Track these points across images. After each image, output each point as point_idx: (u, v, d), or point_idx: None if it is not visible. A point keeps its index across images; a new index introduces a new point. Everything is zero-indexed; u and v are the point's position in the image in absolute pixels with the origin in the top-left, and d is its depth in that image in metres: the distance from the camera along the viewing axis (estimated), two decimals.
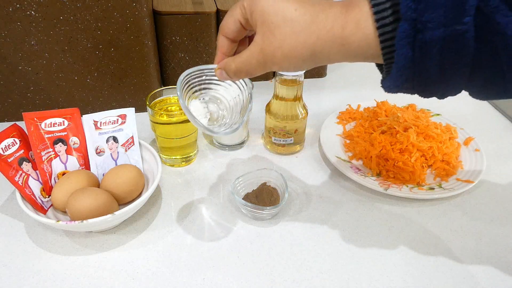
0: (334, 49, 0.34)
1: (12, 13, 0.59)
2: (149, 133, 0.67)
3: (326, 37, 0.34)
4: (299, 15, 0.34)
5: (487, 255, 0.50)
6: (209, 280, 0.46)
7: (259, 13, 0.35)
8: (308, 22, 0.34)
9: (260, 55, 0.36)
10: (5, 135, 0.52)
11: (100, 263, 0.47)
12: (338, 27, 0.33)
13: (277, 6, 0.35)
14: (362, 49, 0.33)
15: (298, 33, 0.34)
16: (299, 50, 0.35)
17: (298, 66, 0.36)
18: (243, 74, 0.39)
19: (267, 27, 0.35)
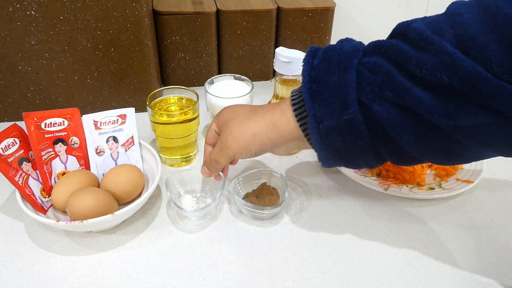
0: (269, 131, 0.44)
1: (12, 13, 0.59)
2: (149, 133, 0.67)
3: (261, 122, 0.44)
4: (243, 112, 0.47)
5: (487, 255, 0.50)
6: (209, 280, 0.46)
7: (222, 118, 0.48)
8: (249, 114, 0.46)
9: (219, 143, 0.48)
10: (5, 135, 0.52)
11: (100, 263, 0.47)
12: (269, 115, 0.44)
13: (231, 109, 0.49)
14: (289, 131, 0.43)
15: (242, 122, 0.46)
16: (243, 133, 0.45)
17: (245, 148, 0.45)
18: (212, 164, 0.50)
19: (224, 124, 0.47)
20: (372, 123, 0.38)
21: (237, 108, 0.48)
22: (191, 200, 0.55)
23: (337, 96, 0.38)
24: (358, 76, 0.38)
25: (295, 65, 0.56)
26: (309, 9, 0.77)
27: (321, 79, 0.39)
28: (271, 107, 0.45)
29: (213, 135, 0.51)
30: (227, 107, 0.50)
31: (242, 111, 0.47)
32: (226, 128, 0.47)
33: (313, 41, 0.81)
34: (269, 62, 0.82)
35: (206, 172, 0.51)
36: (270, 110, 0.45)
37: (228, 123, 0.47)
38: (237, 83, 0.64)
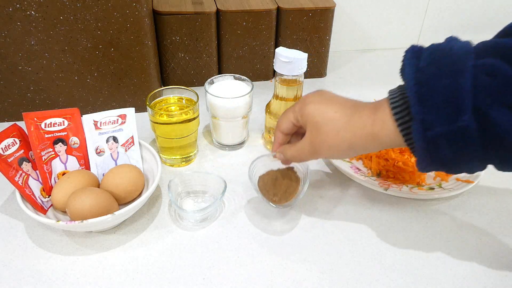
0: (368, 143, 0.41)
1: (12, 13, 0.59)
2: (149, 133, 0.67)
3: (360, 134, 0.41)
4: (339, 117, 0.43)
5: (487, 255, 0.50)
6: (209, 280, 0.46)
7: (307, 115, 0.45)
8: (345, 122, 0.42)
9: (310, 146, 0.45)
10: (5, 135, 0.52)
11: (100, 263, 0.47)
12: (369, 126, 0.41)
13: (321, 109, 0.44)
14: (391, 141, 0.40)
15: (338, 130, 0.42)
16: (340, 144, 0.43)
17: (339, 156, 0.46)
18: (296, 160, 0.49)
19: (314, 126, 0.44)
20: (487, 130, 0.35)
21: (329, 110, 0.44)
22: (192, 203, 0.55)
23: (450, 101, 0.35)
24: (474, 80, 0.35)
25: (295, 65, 0.56)
26: (309, 9, 0.77)
27: (429, 83, 0.36)
28: (368, 114, 0.41)
29: (290, 125, 0.49)
30: (315, 103, 0.45)
31: (335, 116, 0.43)
32: (319, 133, 0.44)
33: (313, 41, 0.81)
34: (269, 62, 0.82)
35: (283, 159, 0.51)
36: (369, 119, 0.41)
37: (322, 127, 0.43)
38: (237, 83, 0.64)
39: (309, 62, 0.65)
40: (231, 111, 0.61)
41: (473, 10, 0.99)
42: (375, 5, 0.94)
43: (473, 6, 0.99)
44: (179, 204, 0.54)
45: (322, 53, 0.84)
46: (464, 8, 0.99)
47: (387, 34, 0.99)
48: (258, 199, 0.57)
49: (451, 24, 1.00)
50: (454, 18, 1.00)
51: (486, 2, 0.99)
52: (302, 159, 0.48)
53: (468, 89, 0.35)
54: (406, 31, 1.00)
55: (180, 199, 0.55)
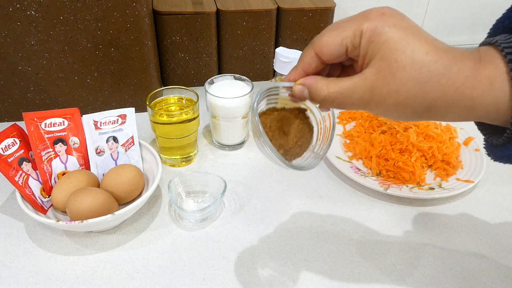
0: (455, 109, 0.29)
1: (12, 13, 0.59)
2: (149, 133, 0.67)
3: (452, 95, 0.29)
4: (430, 62, 0.29)
5: (487, 255, 0.50)
6: (209, 280, 0.46)
7: (382, 44, 0.29)
8: (438, 72, 0.29)
9: (367, 93, 0.30)
10: (5, 135, 0.52)
11: (100, 263, 0.47)
12: (468, 86, 0.28)
13: (407, 43, 0.29)
14: (487, 113, 0.29)
15: (424, 82, 0.29)
16: (417, 101, 0.29)
17: (403, 117, 0.31)
18: (333, 105, 0.32)
19: (388, 65, 0.29)
20: None
21: (419, 48, 0.29)
22: (192, 203, 0.55)
23: None
24: None
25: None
26: (309, 9, 0.77)
27: None
28: (470, 68, 0.29)
29: (339, 49, 0.32)
30: (399, 30, 0.30)
31: (425, 59, 0.29)
32: (392, 75, 0.29)
33: None
34: (269, 62, 0.82)
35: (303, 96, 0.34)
36: (471, 76, 0.29)
37: (400, 71, 0.29)
38: (237, 83, 0.64)
39: None
40: (231, 111, 0.61)
41: (473, 10, 0.99)
42: (375, 5, 0.94)
43: (473, 6, 0.99)
44: (179, 204, 0.54)
45: None
46: (464, 8, 0.99)
47: None
48: (258, 200, 0.57)
49: (451, 24, 1.00)
50: (454, 18, 1.00)
51: (486, 2, 0.99)
52: (344, 106, 0.32)
53: None
54: None
55: (180, 199, 0.55)
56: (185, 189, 0.55)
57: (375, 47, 0.30)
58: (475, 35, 1.04)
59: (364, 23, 0.30)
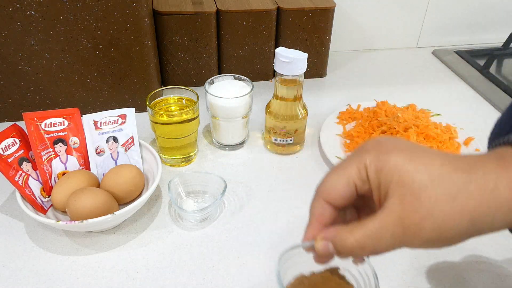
0: (500, 215, 0.26)
1: (12, 13, 0.59)
2: (149, 133, 0.67)
3: (490, 200, 0.25)
4: (450, 172, 0.26)
5: (487, 255, 0.50)
6: (209, 280, 0.46)
7: (393, 170, 0.27)
8: (464, 180, 0.26)
9: (398, 227, 0.26)
10: (5, 135, 0.52)
11: (100, 263, 0.47)
12: (504, 187, 0.25)
13: (416, 161, 0.26)
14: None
15: (455, 196, 0.25)
16: (456, 219, 0.25)
17: (450, 241, 0.27)
18: (365, 252, 0.28)
19: (409, 189, 0.26)
20: None
21: (431, 163, 0.26)
22: (192, 203, 0.55)
23: None
24: None
25: (295, 65, 0.56)
26: (309, 9, 0.77)
27: None
28: (496, 168, 0.26)
29: (348, 190, 0.29)
30: (402, 152, 0.27)
31: (444, 171, 0.26)
32: (416, 199, 0.26)
33: (313, 41, 0.81)
34: (269, 62, 0.82)
35: (329, 252, 0.30)
36: (501, 176, 0.26)
37: (420, 190, 0.26)
38: (237, 83, 0.64)
39: (309, 62, 0.65)
40: (231, 111, 0.61)
41: (473, 10, 0.99)
42: (375, 5, 0.94)
43: (473, 6, 0.99)
44: (179, 204, 0.54)
45: (322, 53, 0.84)
46: (464, 8, 0.99)
47: (387, 34, 0.99)
48: (258, 200, 0.57)
49: (451, 24, 1.00)
50: (454, 18, 1.00)
51: (486, 2, 0.99)
52: (376, 250, 0.28)
53: None
54: (406, 31, 1.00)
55: (180, 199, 0.55)
56: (185, 189, 0.55)
57: (387, 175, 0.27)
58: (475, 35, 1.04)
59: (364, 156, 0.28)
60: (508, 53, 0.95)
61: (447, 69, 0.93)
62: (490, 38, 1.04)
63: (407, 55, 0.99)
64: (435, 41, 1.02)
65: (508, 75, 0.90)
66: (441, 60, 0.96)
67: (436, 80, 0.89)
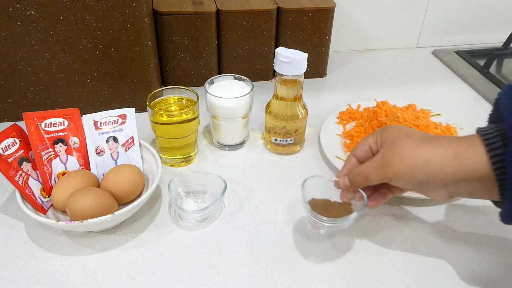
0: (447, 162, 0.39)
1: (12, 13, 0.59)
2: (149, 133, 0.67)
3: (440, 150, 0.39)
4: (418, 133, 0.43)
5: (487, 255, 0.50)
6: (209, 280, 0.46)
7: (387, 132, 0.44)
8: (426, 138, 0.41)
9: (381, 158, 0.43)
10: (5, 135, 0.52)
11: (100, 263, 0.47)
12: (452, 144, 0.39)
13: (402, 129, 0.44)
14: (474, 165, 0.37)
15: (416, 144, 0.41)
16: (414, 157, 0.40)
17: (410, 174, 0.40)
18: (362, 177, 0.44)
19: (391, 140, 0.43)
20: None
21: (411, 130, 0.44)
22: (192, 203, 0.55)
23: None
24: None
25: (295, 65, 0.56)
26: (309, 9, 0.77)
27: None
28: (456, 138, 0.40)
29: (366, 148, 0.46)
30: (398, 126, 0.45)
31: (417, 133, 0.43)
32: (395, 146, 0.42)
33: (313, 41, 0.81)
34: (269, 62, 0.82)
35: (345, 184, 0.47)
36: (454, 140, 0.40)
37: (399, 141, 0.42)
38: (237, 83, 0.64)
39: (309, 62, 0.65)
40: (231, 111, 0.61)
41: (473, 10, 0.99)
42: (375, 5, 0.94)
43: (473, 6, 0.99)
44: (179, 204, 0.54)
45: (322, 53, 0.84)
46: (464, 8, 0.99)
47: (387, 34, 0.99)
48: (258, 200, 0.57)
49: (451, 24, 1.00)
50: (454, 18, 1.00)
51: (486, 2, 0.99)
52: (366, 176, 0.44)
53: None
54: (406, 31, 1.00)
55: (180, 199, 0.55)
56: (185, 189, 0.55)
57: (383, 139, 0.44)
58: (475, 35, 1.04)
59: (377, 132, 0.46)
60: (508, 53, 0.95)
61: (447, 69, 0.93)
62: (490, 38, 1.04)
63: (407, 55, 0.99)
64: (435, 41, 1.02)
65: (508, 75, 0.90)
66: (441, 60, 0.96)
67: (436, 80, 0.89)
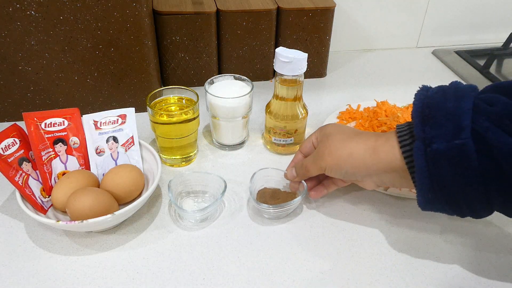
0: (367, 155, 0.44)
1: (12, 13, 0.59)
2: (149, 133, 0.67)
3: (362, 144, 0.45)
4: (348, 131, 0.49)
5: (487, 255, 0.50)
6: (209, 280, 0.46)
7: (324, 129, 0.51)
8: (353, 135, 0.47)
9: (315, 152, 0.49)
10: (5, 135, 0.52)
11: (100, 263, 0.47)
12: (372, 140, 0.45)
13: (337, 126, 0.51)
14: (389, 158, 0.43)
15: (344, 140, 0.47)
16: (340, 150, 0.46)
17: (337, 164, 0.47)
18: (303, 169, 0.51)
19: (326, 136, 0.49)
20: (484, 154, 0.37)
21: (343, 127, 0.50)
22: (192, 203, 0.55)
23: (451, 120, 0.38)
24: (474, 106, 0.38)
25: (295, 65, 0.56)
26: (309, 9, 0.77)
27: (434, 105, 0.40)
28: (377, 134, 0.46)
29: (310, 145, 0.53)
30: (334, 124, 0.52)
31: (347, 130, 0.49)
32: (327, 140, 0.48)
33: (313, 41, 0.81)
34: (269, 62, 0.82)
35: (292, 175, 0.53)
36: (374, 136, 0.46)
37: (330, 136, 0.48)
38: (237, 83, 0.64)
39: (309, 62, 0.65)
40: (231, 111, 0.61)
41: (473, 10, 0.99)
42: (375, 5, 0.94)
43: (473, 6, 0.99)
44: (179, 204, 0.54)
45: (322, 53, 0.84)
46: (464, 8, 0.99)
47: (387, 34, 0.99)
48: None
49: (451, 24, 1.00)
50: (454, 18, 1.00)
51: (486, 2, 0.99)
52: (306, 167, 0.50)
53: (469, 111, 0.38)
54: (406, 31, 1.00)
55: (180, 199, 0.55)
56: (185, 189, 0.55)
57: (322, 133, 0.51)
58: (475, 35, 1.04)
59: (318, 130, 0.52)
60: (508, 53, 0.95)
61: (447, 69, 0.93)
62: (490, 38, 1.04)
63: (407, 55, 0.99)
64: (435, 41, 1.02)
65: (508, 75, 0.90)
66: (441, 60, 0.96)
67: (436, 80, 0.89)
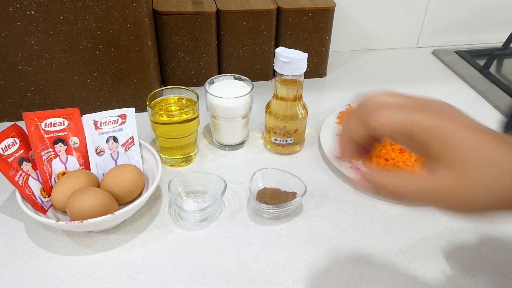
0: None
1: (12, 13, 0.59)
2: (149, 133, 0.67)
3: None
4: (495, 144, 0.26)
5: (487, 255, 0.50)
6: (209, 280, 0.46)
7: (434, 131, 0.27)
8: (507, 159, 0.26)
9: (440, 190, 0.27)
10: (5, 135, 0.52)
11: (100, 263, 0.47)
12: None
13: (460, 133, 0.26)
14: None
15: (501, 164, 0.26)
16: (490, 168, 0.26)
17: (484, 213, 0.27)
18: (395, 198, 0.30)
19: (457, 161, 0.26)
20: None
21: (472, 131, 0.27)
22: (192, 203, 0.55)
23: None
24: None
25: (295, 65, 0.56)
26: (309, 9, 0.77)
27: None
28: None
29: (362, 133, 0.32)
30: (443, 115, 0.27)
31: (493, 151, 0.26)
32: (465, 170, 0.26)
33: (313, 41, 0.81)
34: (269, 62, 0.82)
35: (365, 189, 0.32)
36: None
37: (468, 165, 0.26)
38: (237, 83, 0.64)
39: (309, 62, 0.65)
40: (231, 111, 0.61)
41: (473, 10, 0.99)
42: (375, 5, 0.94)
43: (473, 6, 0.99)
44: (179, 204, 0.54)
45: (322, 53, 0.84)
46: (464, 8, 0.99)
47: (387, 34, 0.99)
48: None
49: (451, 24, 1.00)
50: (454, 18, 1.00)
51: (486, 2, 0.99)
52: (397, 192, 0.29)
53: None
54: (406, 31, 1.00)
55: (180, 199, 0.55)
56: (185, 189, 0.55)
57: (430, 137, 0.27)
58: (475, 35, 1.04)
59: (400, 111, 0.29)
60: (508, 53, 0.95)
61: (447, 69, 0.93)
62: (490, 38, 1.04)
63: (407, 55, 0.99)
64: (435, 41, 1.02)
65: (508, 75, 0.90)
66: (441, 60, 0.96)
67: (436, 80, 0.89)
